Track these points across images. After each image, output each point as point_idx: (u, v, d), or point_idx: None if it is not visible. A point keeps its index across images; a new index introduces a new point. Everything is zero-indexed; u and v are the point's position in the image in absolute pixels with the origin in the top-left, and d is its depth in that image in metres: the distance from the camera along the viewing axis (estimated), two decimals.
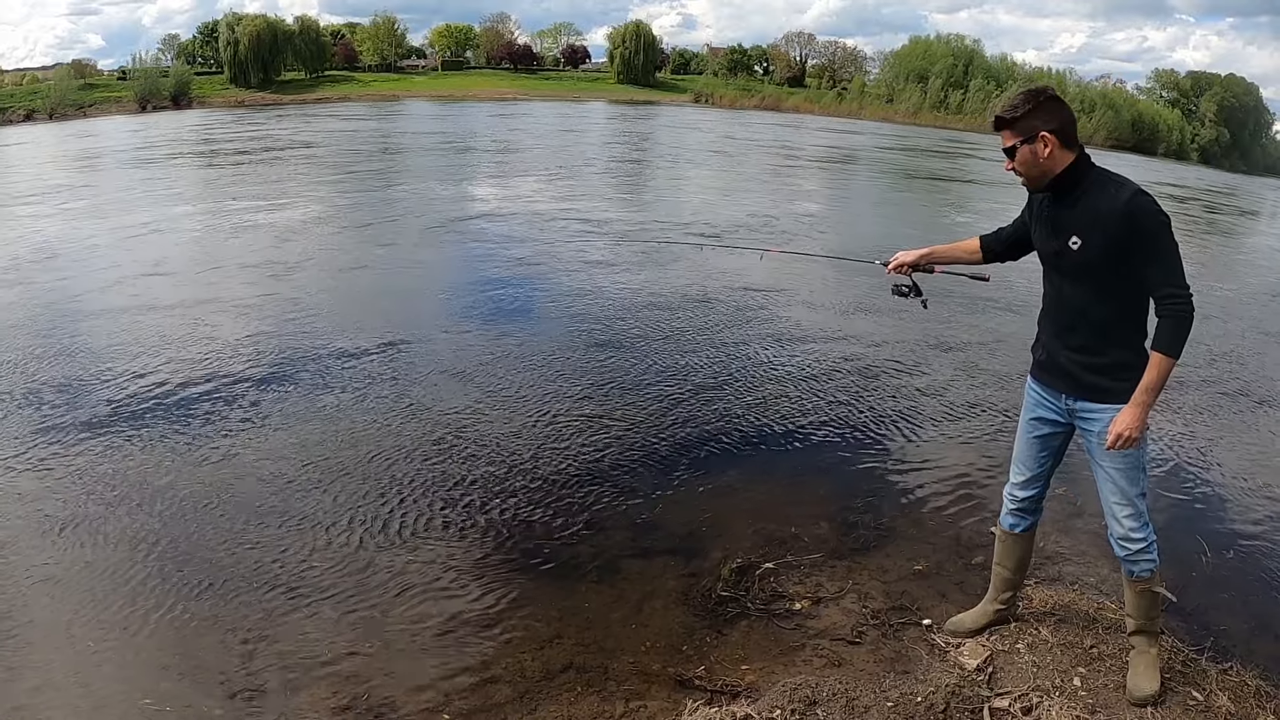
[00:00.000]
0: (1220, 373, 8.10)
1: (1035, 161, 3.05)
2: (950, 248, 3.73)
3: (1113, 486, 3.17)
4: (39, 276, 10.21)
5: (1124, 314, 3.05)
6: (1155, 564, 3.24)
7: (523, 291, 9.86)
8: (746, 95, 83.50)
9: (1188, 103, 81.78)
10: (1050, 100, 3.06)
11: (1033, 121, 3.02)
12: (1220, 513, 5.30)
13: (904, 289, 3.85)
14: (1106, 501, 3.23)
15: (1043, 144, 3.01)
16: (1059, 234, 3.09)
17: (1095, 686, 3.37)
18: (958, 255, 3.70)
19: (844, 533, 4.79)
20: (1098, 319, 3.08)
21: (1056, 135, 3.00)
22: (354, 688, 3.52)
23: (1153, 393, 2.96)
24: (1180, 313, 2.90)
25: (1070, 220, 3.04)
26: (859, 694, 3.37)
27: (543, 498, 5.09)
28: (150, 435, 5.78)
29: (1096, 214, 2.96)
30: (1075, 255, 3.04)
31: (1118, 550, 3.25)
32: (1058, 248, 3.10)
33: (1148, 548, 3.20)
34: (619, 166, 25.85)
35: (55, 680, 3.54)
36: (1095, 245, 2.97)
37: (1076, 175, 3.04)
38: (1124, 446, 3.01)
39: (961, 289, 10.33)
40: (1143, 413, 2.97)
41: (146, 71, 68.14)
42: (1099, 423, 3.10)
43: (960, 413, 6.67)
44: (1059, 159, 3.03)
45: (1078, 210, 3.02)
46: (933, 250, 3.73)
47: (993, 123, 3.16)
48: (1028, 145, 3.03)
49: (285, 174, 21.63)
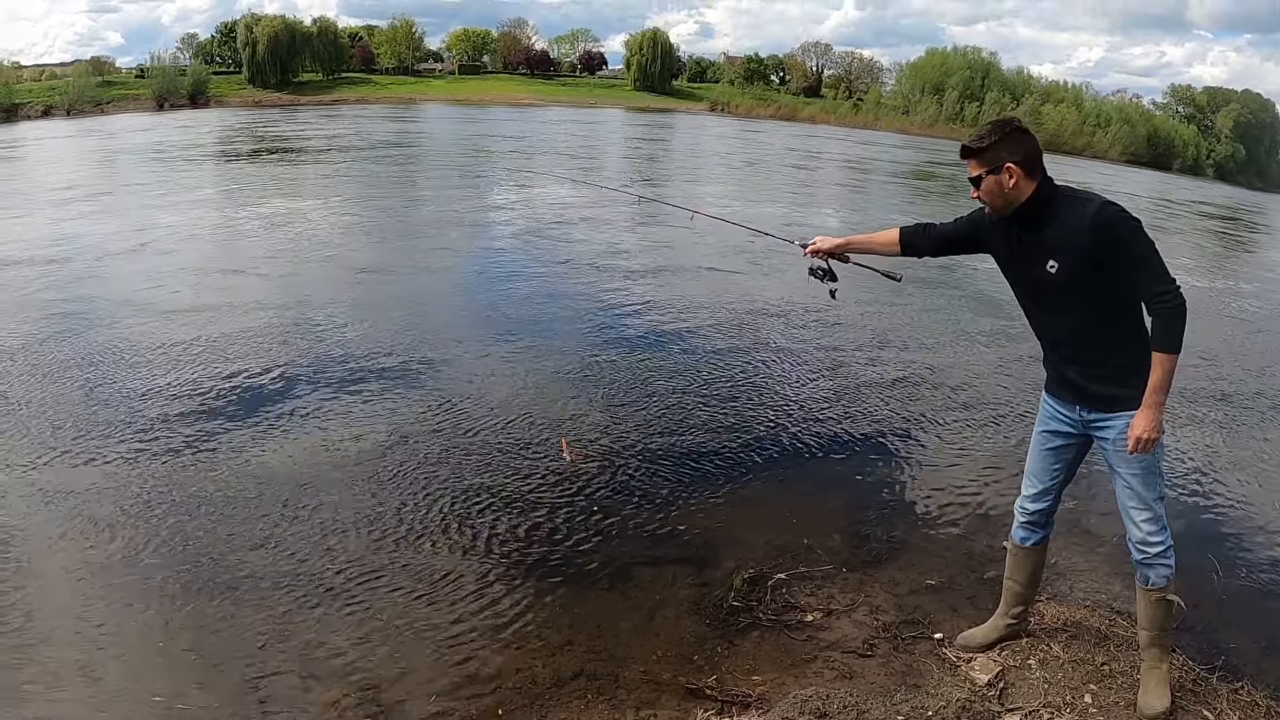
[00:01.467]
0: (1236, 387, 8.07)
1: (1000, 191, 3.11)
2: (867, 238, 3.79)
3: (1130, 492, 3.19)
4: (57, 274, 10.30)
5: (1116, 322, 3.08)
6: (1172, 571, 3.25)
7: (538, 298, 9.88)
8: (762, 104, 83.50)
9: (1204, 118, 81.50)
10: (1016, 131, 3.13)
11: (999, 152, 3.08)
12: (1233, 530, 5.27)
13: (819, 272, 3.89)
14: (1124, 507, 3.25)
15: (1008, 174, 3.07)
16: (1035, 260, 3.13)
17: (1106, 704, 3.36)
18: (874, 246, 3.75)
19: (856, 545, 4.79)
20: (1091, 333, 3.12)
21: (1021, 166, 3.06)
22: (364, 691, 3.53)
23: (1162, 392, 3.00)
24: (1172, 309, 2.94)
25: (1043, 245, 3.09)
26: (869, 707, 3.37)
27: (555, 505, 5.11)
28: (170, 438, 5.82)
29: (1067, 234, 3.01)
30: (1056, 278, 3.08)
31: (1136, 555, 3.26)
32: (1036, 274, 3.14)
33: (1165, 552, 3.21)
34: (639, 167, 25.90)
35: (66, 675, 3.57)
36: (1073, 264, 3.02)
37: (1041, 201, 3.10)
38: (1145, 450, 3.04)
39: (976, 296, 10.36)
40: (1156, 413, 3.01)
41: (164, 70, 68.48)
42: (1113, 429, 3.13)
43: (975, 426, 6.67)
44: (1023, 188, 3.09)
45: (1049, 235, 3.08)
46: (850, 240, 3.79)
47: (960, 151, 3.21)
48: (993, 175, 3.10)
49: (308, 174, 21.75)
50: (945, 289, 10.85)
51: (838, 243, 3.77)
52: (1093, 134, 69.80)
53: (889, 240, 3.67)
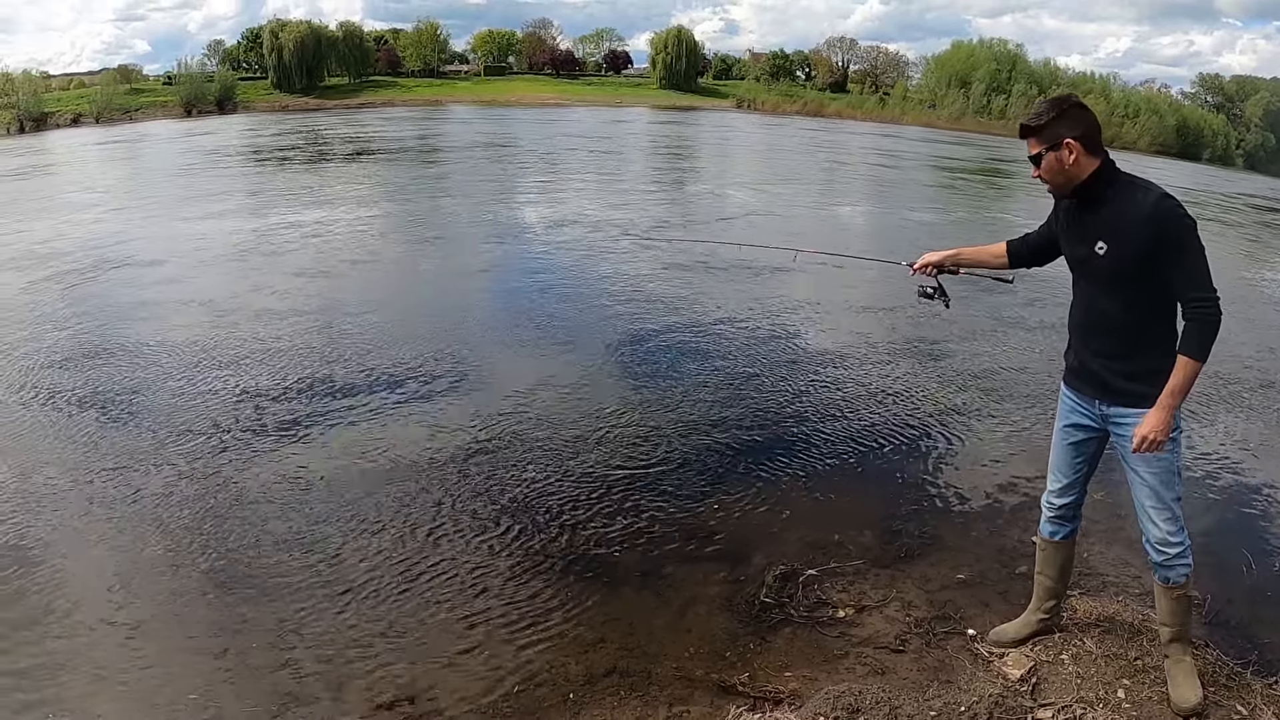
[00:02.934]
0: (1273, 378, 7.96)
1: (1060, 168, 3.09)
2: (976, 250, 3.75)
3: (1148, 491, 3.18)
4: (101, 275, 10.48)
5: (1152, 318, 3.06)
6: (1190, 569, 3.24)
7: (572, 298, 9.95)
8: (788, 100, 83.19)
9: (1232, 107, 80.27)
10: (1075, 108, 3.10)
11: (1058, 129, 3.06)
12: (1265, 524, 5.22)
13: (929, 290, 3.86)
14: (1141, 506, 3.23)
15: (1067, 151, 3.04)
16: (1086, 240, 3.12)
17: (1140, 699, 3.35)
18: (984, 259, 3.73)
19: (888, 541, 4.79)
20: (1126, 324, 3.10)
21: (1081, 142, 3.04)
22: (397, 688, 3.58)
23: (1178, 396, 2.98)
24: (1207, 317, 2.92)
25: (1097, 226, 3.07)
26: (902, 703, 3.38)
27: (589, 503, 5.15)
28: (208, 436, 5.93)
29: (1122, 219, 2.99)
30: (1102, 261, 3.07)
31: (1154, 555, 3.24)
32: (1084, 254, 3.13)
33: (1184, 552, 3.20)
34: (671, 172, 25.91)
35: (104, 674, 3.65)
36: (1122, 250, 3.00)
37: (1102, 181, 3.07)
38: (1150, 450, 3.03)
39: (1012, 299, 10.29)
40: (1168, 415, 2.99)
41: (192, 77, 69.13)
42: (1132, 428, 3.10)
43: (1005, 421, 6.63)
44: (1084, 165, 3.07)
45: (1103, 216, 3.06)
46: (959, 252, 3.76)
47: (1019, 130, 3.21)
48: (1053, 152, 3.07)
49: (339, 176, 21.93)
50: (987, 291, 10.78)
51: (947, 255, 3.75)
52: (1121, 124, 68.89)
53: (998, 253, 3.65)
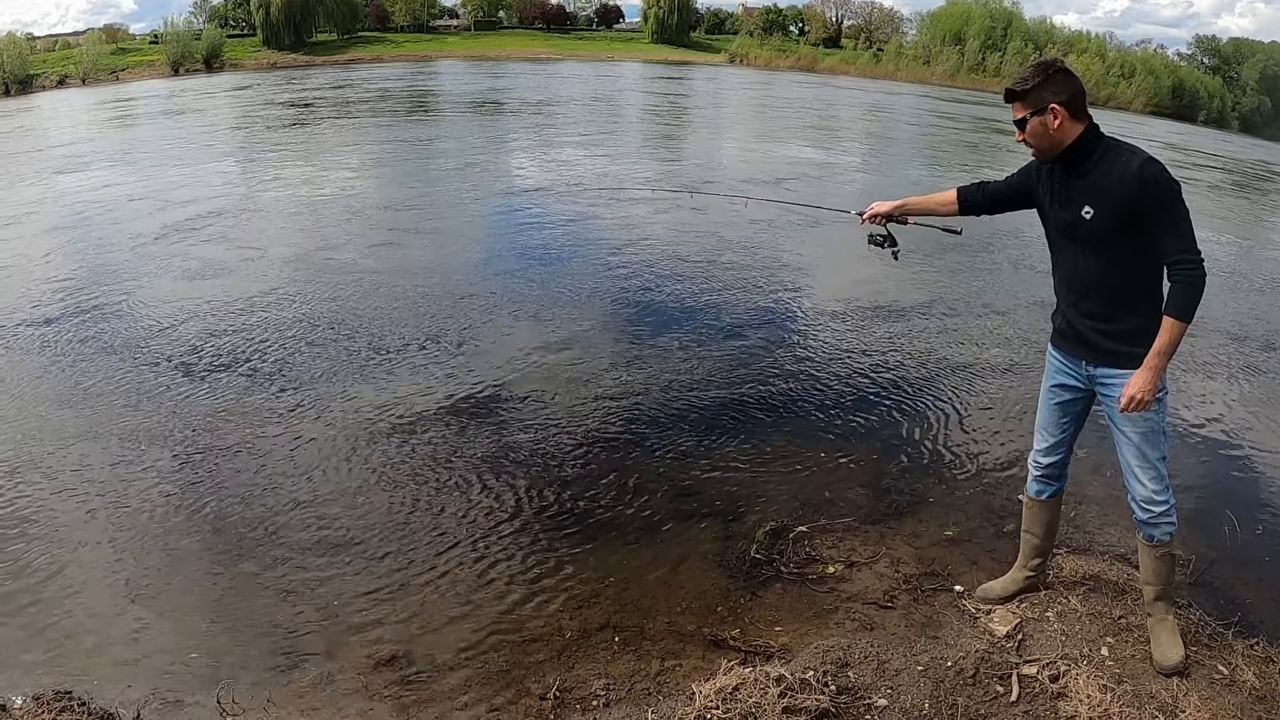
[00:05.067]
0: (1256, 339, 8.03)
1: (1045, 133, 3.10)
2: (924, 199, 3.79)
3: (1134, 450, 3.23)
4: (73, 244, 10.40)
5: (1139, 281, 3.10)
6: (1175, 527, 3.30)
7: (562, 253, 9.94)
8: (781, 56, 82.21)
9: (1229, 70, 79.62)
10: (1060, 73, 3.11)
11: (1043, 93, 3.07)
12: (1250, 486, 5.29)
13: (879, 239, 3.91)
14: (1127, 465, 3.28)
15: (1053, 115, 3.06)
16: (1072, 204, 3.14)
17: (1123, 657, 3.41)
18: (932, 207, 3.76)
19: (877, 498, 4.85)
20: (1113, 287, 3.13)
21: (1066, 107, 3.06)
22: (394, 646, 3.64)
23: (1164, 356, 3.02)
24: (1192, 278, 2.94)
25: (1083, 190, 3.09)
26: (890, 657, 3.44)
27: (582, 461, 5.19)
28: (203, 398, 5.95)
29: (1108, 183, 3.01)
30: (1089, 225, 3.09)
31: (1139, 513, 3.29)
32: (1071, 218, 3.15)
33: (1169, 510, 3.25)
34: (668, 128, 25.72)
35: (106, 636, 3.69)
36: (1108, 214, 3.02)
37: (1087, 146, 3.09)
38: (1136, 409, 3.07)
39: (989, 251, 10.31)
40: (1154, 375, 3.02)
41: (179, 35, 67.77)
42: (1119, 388, 3.13)
43: (995, 380, 6.68)
44: (1069, 130, 3.08)
45: (1090, 180, 3.08)
46: (907, 202, 3.81)
47: (1004, 95, 3.22)
48: (1038, 117, 3.09)
49: (332, 133, 21.74)
50: (972, 252, 10.75)
51: (895, 205, 3.80)
52: (1116, 84, 68.47)
53: (947, 200, 3.68)
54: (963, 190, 3.64)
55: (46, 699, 3.03)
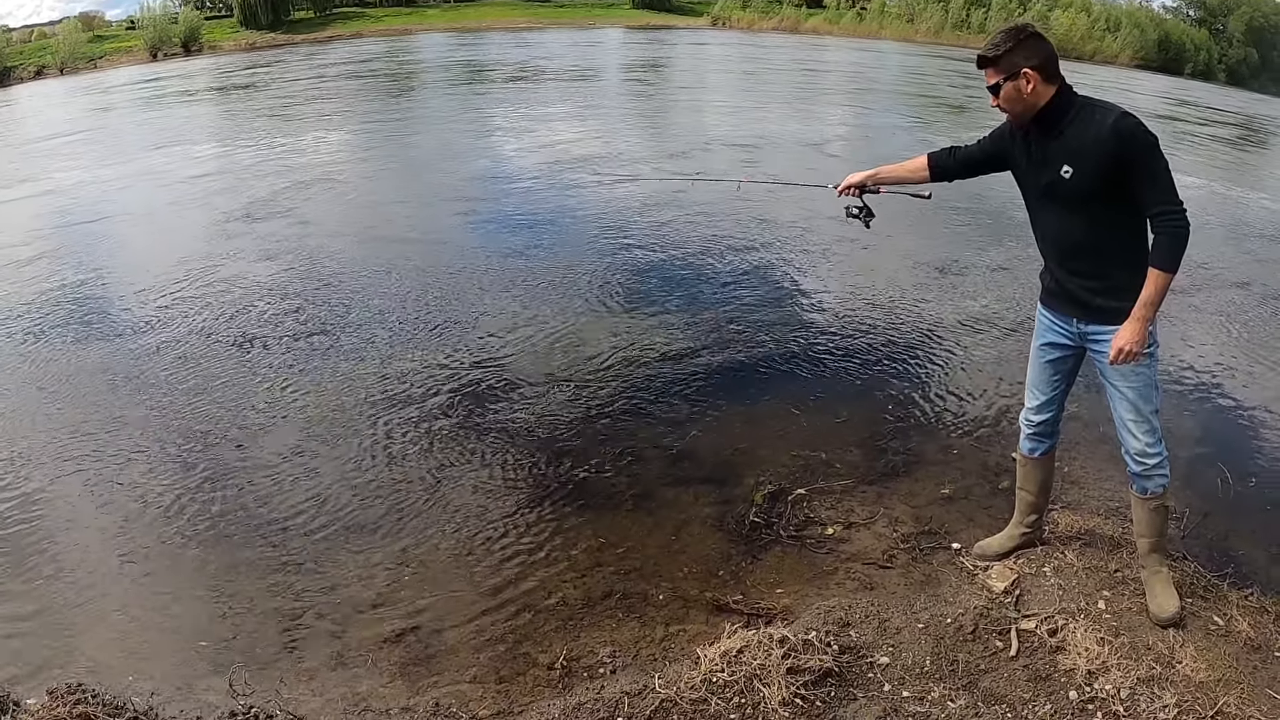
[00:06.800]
0: (1250, 292, 8.01)
1: (1019, 97, 3.12)
2: (896, 168, 3.83)
3: (1127, 404, 3.26)
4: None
5: (1123, 236, 3.12)
6: (1168, 479, 3.35)
7: (552, 222, 9.88)
8: (764, 18, 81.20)
9: (1215, 22, 79.04)
10: (1031, 37, 3.12)
11: (1015, 58, 3.09)
12: (1244, 439, 5.33)
13: (855, 210, 3.98)
14: (1121, 420, 3.32)
15: (1025, 80, 3.08)
16: (1050, 165, 3.15)
17: (1119, 609, 3.46)
18: (903, 175, 3.80)
19: (874, 458, 4.89)
20: (1098, 244, 3.16)
21: (1039, 71, 3.07)
22: (401, 623, 3.67)
23: (1151, 307, 3.05)
24: (1176, 228, 2.96)
25: (1060, 151, 3.11)
26: (890, 616, 3.50)
27: (579, 430, 5.22)
28: (199, 377, 5.96)
29: (1085, 141, 3.03)
30: (1069, 184, 3.10)
31: (1133, 466, 3.34)
32: (1050, 179, 3.16)
33: (1162, 463, 3.30)
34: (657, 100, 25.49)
35: (113, 621, 3.73)
36: (1087, 172, 3.04)
37: (1061, 107, 3.11)
38: (1126, 361, 3.10)
39: (976, 211, 10.29)
40: (1142, 327, 3.06)
41: (155, 20, 66.58)
42: (1110, 344, 3.16)
43: (988, 338, 6.71)
44: (1041, 93, 3.10)
45: (1066, 140, 3.09)
46: (878, 171, 3.85)
47: (976, 62, 3.24)
48: (1011, 82, 3.11)
49: (320, 111, 21.53)
50: (957, 212, 10.73)
51: (867, 175, 3.83)
52: (1102, 38, 67.96)
53: (918, 167, 3.70)
54: (933, 156, 3.67)
55: (60, 693, 3.04)
